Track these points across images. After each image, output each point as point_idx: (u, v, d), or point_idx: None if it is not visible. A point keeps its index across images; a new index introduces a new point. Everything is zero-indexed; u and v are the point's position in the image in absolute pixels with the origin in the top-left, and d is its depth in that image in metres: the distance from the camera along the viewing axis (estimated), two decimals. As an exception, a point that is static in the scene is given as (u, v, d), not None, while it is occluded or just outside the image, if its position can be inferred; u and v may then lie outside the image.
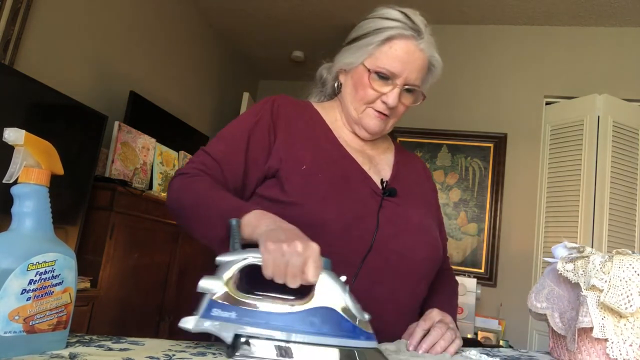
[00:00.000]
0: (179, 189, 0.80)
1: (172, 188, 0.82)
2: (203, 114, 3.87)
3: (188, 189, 0.79)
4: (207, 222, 0.74)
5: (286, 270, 0.59)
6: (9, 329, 0.48)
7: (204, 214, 0.74)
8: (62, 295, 0.54)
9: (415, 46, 0.88)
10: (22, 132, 0.52)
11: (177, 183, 0.81)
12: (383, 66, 0.87)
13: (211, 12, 3.65)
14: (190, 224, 0.78)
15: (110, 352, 0.54)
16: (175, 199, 0.81)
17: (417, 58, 0.88)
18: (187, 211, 0.78)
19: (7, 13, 2.08)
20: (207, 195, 0.76)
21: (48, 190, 0.55)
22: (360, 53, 0.90)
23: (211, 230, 0.72)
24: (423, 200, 0.99)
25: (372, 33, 0.88)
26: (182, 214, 0.79)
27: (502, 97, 3.17)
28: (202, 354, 0.59)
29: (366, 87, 0.89)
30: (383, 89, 0.88)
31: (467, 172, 3.13)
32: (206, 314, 0.58)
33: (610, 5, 2.88)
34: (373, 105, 0.90)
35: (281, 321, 0.58)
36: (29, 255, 0.50)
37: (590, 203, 2.71)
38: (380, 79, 0.88)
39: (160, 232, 2.48)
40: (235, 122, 0.91)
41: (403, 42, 0.87)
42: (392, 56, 0.87)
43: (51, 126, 2.01)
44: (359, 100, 0.91)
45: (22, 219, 0.52)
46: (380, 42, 0.87)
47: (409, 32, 0.87)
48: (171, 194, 0.82)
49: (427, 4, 3.09)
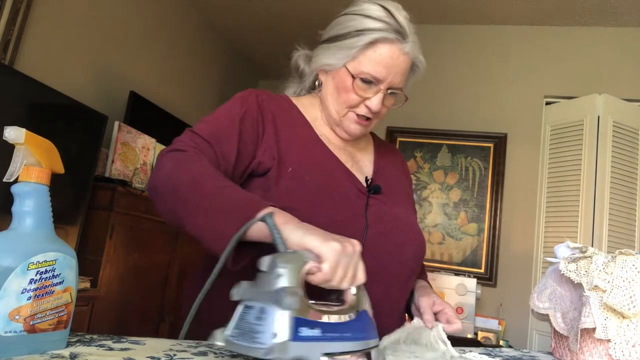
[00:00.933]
0: (176, 166, 0.69)
1: (163, 165, 0.71)
2: (203, 114, 3.82)
3: (186, 168, 0.69)
4: (215, 212, 0.63)
5: (347, 272, 0.56)
6: (10, 329, 0.48)
7: (212, 202, 0.64)
8: (63, 294, 0.53)
9: (400, 50, 0.85)
10: (22, 131, 0.52)
11: (170, 159, 0.71)
12: (367, 71, 0.84)
13: (211, 12, 3.65)
14: (185, 209, 0.66)
15: (111, 352, 0.54)
16: (167, 178, 0.69)
17: (402, 62, 0.86)
18: (184, 194, 0.66)
19: (7, 13, 2.08)
20: (213, 180, 0.67)
21: (49, 189, 0.54)
22: (341, 55, 0.86)
23: (220, 223, 0.62)
24: (404, 194, 0.99)
25: (354, 34, 0.85)
26: (175, 197, 0.67)
27: (502, 97, 3.17)
28: (204, 353, 0.58)
29: (349, 92, 0.86)
30: (367, 93, 0.86)
31: (467, 172, 3.13)
32: (296, 335, 0.48)
33: (610, 5, 2.88)
34: (356, 109, 0.88)
35: (350, 331, 0.54)
36: (29, 255, 0.50)
37: (590, 203, 2.71)
38: (363, 83, 0.85)
39: (160, 232, 2.48)
40: (221, 110, 0.84)
41: (387, 46, 0.84)
42: (377, 61, 0.84)
43: (51, 126, 2.00)
44: (341, 104, 0.88)
45: (22, 218, 0.52)
46: (363, 45, 0.84)
47: (393, 35, 0.84)
48: (162, 172, 0.70)
49: (427, 4, 3.10)
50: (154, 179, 0.71)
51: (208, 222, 0.63)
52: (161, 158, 0.73)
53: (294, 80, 1.04)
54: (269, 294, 0.50)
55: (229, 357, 0.58)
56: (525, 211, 2.98)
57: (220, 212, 0.63)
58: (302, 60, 1.00)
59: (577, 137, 2.86)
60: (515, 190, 3.03)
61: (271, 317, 0.48)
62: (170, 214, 0.68)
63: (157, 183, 0.70)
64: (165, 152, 0.74)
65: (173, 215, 0.68)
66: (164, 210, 0.70)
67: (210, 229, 0.63)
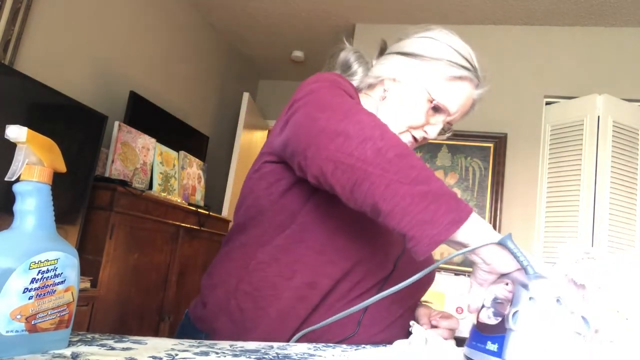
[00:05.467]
0: (384, 133, 0.61)
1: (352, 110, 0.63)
2: (203, 114, 3.87)
3: (380, 127, 0.61)
4: (438, 200, 0.56)
5: None
6: (11, 328, 0.48)
7: (433, 187, 0.57)
8: (65, 294, 0.53)
9: (473, 94, 0.89)
10: (24, 129, 0.51)
11: (374, 123, 0.62)
12: (445, 102, 0.85)
13: (211, 12, 3.65)
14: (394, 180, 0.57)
15: (113, 352, 0.53)
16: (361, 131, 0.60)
17: (469, 105, 0.90)
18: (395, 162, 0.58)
19: (7, 13, 2.08)
20: (417, 159, 0.60)
21: (50, 188, 0.54)
22: (426, 75, 0.85)
23: (445, 216, 0.55)
24: None
25: (446, 63, 0.85)
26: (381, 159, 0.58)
27: (502, 97, 3.17)
28: (205, 353, 0.58)
29: (419, 113, 0.86)
30: (432, 120, 0.87)
31: (467, 172, 3.13)
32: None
33: (610, 5, 2.88)
34: (414, 131, 0.87)
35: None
36: (30, 254, 0.50)
37: (590, 203, 2.71)
38: (434, 110, 0.87)
39: (160, 232, 2.48)
40: (330, 92, 0.72)
41: (469, 86, 0.87)
42: (456, 97, 0.86)
43: (51, 126, 2.00)
44: (403, 119, 0.86)
45: (24, 217, 0.52)
46: (452, 77, 0.85)
47: (476, 79, 0.88)
48: (351, 120, 0.61)
49: (428, 4, 3.09)
50: (337, 121, 0.61)
51: (426, 209, 0.55)
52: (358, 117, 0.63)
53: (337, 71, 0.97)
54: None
55: (230, 356, 0.57)
56: (525, 211, 2.98)
57: (439, 201, 0.56)
58: (355, 59, 0.95)
59: (577, 137, 2.87)
60: (515, 190, 3.03)
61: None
62: (363, 176, 0.58)
63: (346, 131, 0.60)
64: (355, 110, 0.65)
65: (366, 181, 0.58)
66: (350, 166, 0.59)
67: (429, 218, 0.55)
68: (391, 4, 3.16)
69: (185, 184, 3.01)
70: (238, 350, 0.61)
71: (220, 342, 0.64)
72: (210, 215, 2.89)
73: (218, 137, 4.06)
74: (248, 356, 0.58)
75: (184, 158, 3.04)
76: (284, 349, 0.64)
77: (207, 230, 2.89)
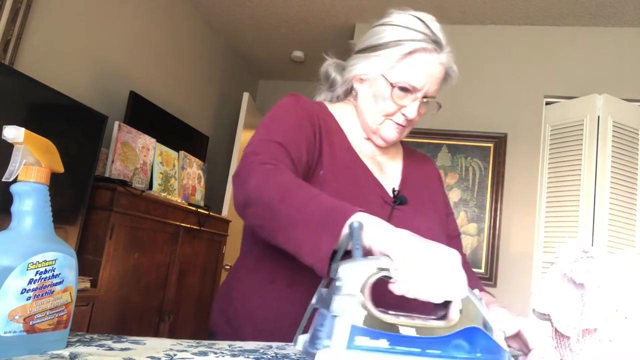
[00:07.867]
0: (265, 180, 0.69)
1: (256, 176, 0.70)
2: (203, 114, 3.87)
3: (274, 182, 0.69)
4: (307, 226, 0.62)
5: (433, 283, 0.53)
6: (9, 329, 0.48)
7: (306, 216, 0.63)
8: (63, 294, 0.53)
9: (437, 59, 0.88)
10: (21, 130, 0.51)
11: (261, 172, 0.71)
12: (406, 81, 0.87)
13: (211, 12, 3.65)
14: (278, 224, 0.66)
15: (111, 352, 0.53)
16: (257, 193, 0.69)
17: (438, 71, 0.89)
18: (275, 209, 0.66)
19: (7, 13, 2.08)
20: (302, 192, 0.67)
21: (48, 189, 0.54)
22: (380, 64, 0.89)
23: (313, 238, 0.61)
24: (431, 206, 0.99)
25: (393, 44, 0.87)
26: (267, 212, 0.68)
27: (502, 97, 3.16)
28: (204, 353, 0.58)
29: (387, 100, 0.89)
30: (404, 102, 0.89)
31: (467, 172, 3.13)
32: (351, 344, 0.47)
33: (610, 5, 2.88)
34: (393, 117, 0.91)
35: (436, 347, 0.50)
36: (28, 255, 0.50)
37: (590, 203, 2.71)
38: (401, 92, 0.88)
39: (160, 232, 2.48)
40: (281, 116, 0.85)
41: (425, 56, 0.87)
42: (415, 71, 0.87)
43: (51, 126, 2.00)
44: (378, 112, 0.91)
45: (21, 218, 0.52)
46: (402, 55, 0.87)
47: (431, 45, 0.87)
48: (249, 186, 0.70)
49: (427, 4, 3.09)
50: (243, 193, 0.71)
51: (309, 236, 0.62)
52: (250, 167, 0.73)
53: (322, 88, 1.05)
54: (329, 300, 0.50)
55: (229, 356, 0.57)
56: (525, 211, 2.98)
57: (311, 226, 0.62)
58: (333, 69, 1.01)
59: (577, 137, 2.86)
60: (515, 190, 3.03)
61: (328, 324, 0.48)
62: (262, 229, 0.70)
63: (246, 195, 0.70)
64: (251, 159, 0.74)
65: (266, 231, 0.70)
66: (255, 225, 0.72)
67: (307, 244, 0.62)
68: (391, 4, 3.15)
69: (185, 184, 3.01)
70: (237, 350, 0.61)
71: (218, 342, 0.64)
72: (210, 215, 2.89)
73: (218, 137, 4.06)
74: (247, 356, 0.58)
75: (184, 158, 3.04)
76: (283, 349, 0.64)
77: (207, 230, 2.89)
